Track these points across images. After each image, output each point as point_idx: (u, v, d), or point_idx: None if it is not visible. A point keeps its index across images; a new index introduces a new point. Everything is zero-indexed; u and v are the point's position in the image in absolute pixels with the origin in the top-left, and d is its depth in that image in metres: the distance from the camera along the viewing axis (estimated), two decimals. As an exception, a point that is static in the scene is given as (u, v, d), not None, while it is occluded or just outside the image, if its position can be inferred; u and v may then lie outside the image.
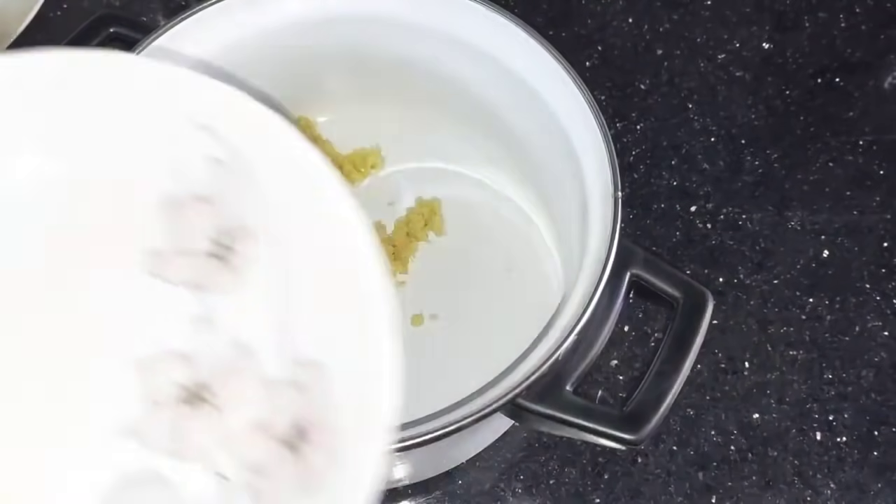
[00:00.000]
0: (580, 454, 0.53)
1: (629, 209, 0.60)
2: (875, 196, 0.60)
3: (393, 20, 0.50)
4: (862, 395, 0.55)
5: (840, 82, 0.64)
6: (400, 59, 0.53)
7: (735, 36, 0.66)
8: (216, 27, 0.49)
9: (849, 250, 0.59)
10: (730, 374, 0.55)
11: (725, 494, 0.52)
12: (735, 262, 0.58)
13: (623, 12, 0.67)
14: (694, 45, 0.66)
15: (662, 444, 0.53)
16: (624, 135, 0.62)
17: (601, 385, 0.55)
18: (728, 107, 0.63)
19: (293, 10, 0.50)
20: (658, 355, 0.43)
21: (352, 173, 0.55)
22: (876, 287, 0.58)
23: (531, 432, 0.53)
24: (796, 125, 0.63)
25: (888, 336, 0.56)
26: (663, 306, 0.45)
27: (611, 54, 0.65)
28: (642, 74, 0.64)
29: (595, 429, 0.41)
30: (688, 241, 0.59)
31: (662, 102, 0.64)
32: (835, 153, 0.62)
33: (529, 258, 0.53)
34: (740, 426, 0.54)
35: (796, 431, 0.54)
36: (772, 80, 0.64)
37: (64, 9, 0.67)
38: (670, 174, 0.61)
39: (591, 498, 0.52)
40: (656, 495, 0.52)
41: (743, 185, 0.61)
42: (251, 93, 0.35)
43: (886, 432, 0.54)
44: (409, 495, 0.52)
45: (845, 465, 0.53)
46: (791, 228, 0.59)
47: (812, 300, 0.57)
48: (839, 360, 0.56)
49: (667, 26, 0.66)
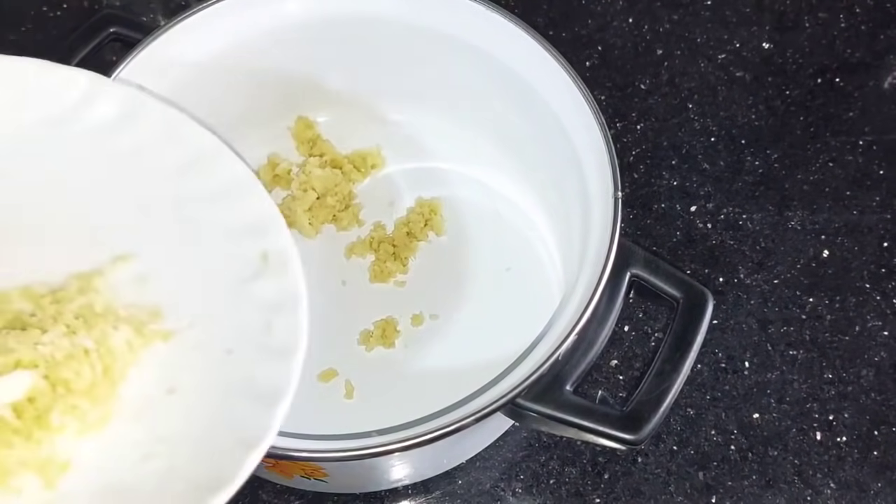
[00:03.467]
0: (580, 454, 0.53)
1: (629, 209, 0.60)
2: (875, 196, 0.60)
3: (393, 20, 0.50)
4: (862, 395, 0.55)
5: (840, 82, 0.64)
6: (400, 58, 0.53)
7: (735, 36, 0.66)
8: (216, 27, 0.49)
9: (849, 250, 0.59)
10: (730, 374, 0.55)
11: (725, 494, 0.52)
12: (735, 261, 0.58)
13: (623, 12, 0.67)
14: (694, 45, 0.66)
15: (662, 444, 0.53)
16: (624, 135, 0.62)
17: (601, 385, 0.55)
18: (728, 107, 0.63)
19: (293, 10, 0.50)
20: (658, 355, 0.43)
21: (352, 173, 0.55)
22: (876, 287, 0.58)
23: (531, 432, 0.53)
24: (796, 125, 0.63)
25: (888, 336, 0.56)
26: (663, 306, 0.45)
27: (611, 54, 0.65)
28: (642, 74, 0.64)
29: (595, 429, 0.41)
30: (688, 240, 0.59)
31: (662, 102, 0.64)
32: (835, 153, 0.62)
33: (529, 258, 0.53)
34: (740, 426, 0.54)
35: (796, 431, 0.54)
36: (772, 80, 0.64)
37: (64, 9, 0.67)
38: (670, 174, 0.61)
39: (591, 498, 0.52)
40: (656, 495, 0.52)
41: (743, 185, 0.61)
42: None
43: (886, 432, 0.54)
44: (409, 495, 0.52)
45: (845, 464, 0.53)
46: (791, 228, 0.59)
47: (812, 300, 0.57)
48: (839, 359, 0.56)
49: (667, 26, 0.66)
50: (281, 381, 0.34)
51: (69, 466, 0.33)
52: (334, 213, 0.54)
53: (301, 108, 0.56)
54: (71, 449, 0.33)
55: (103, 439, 0.34)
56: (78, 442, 0.33)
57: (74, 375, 0.34)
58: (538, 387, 0.41)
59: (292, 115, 0.56)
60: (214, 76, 0.50)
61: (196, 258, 0.38)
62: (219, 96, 0.52)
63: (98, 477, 0.33)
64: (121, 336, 0.35)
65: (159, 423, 0.34)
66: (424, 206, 0.54)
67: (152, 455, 0.33)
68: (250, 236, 0.38)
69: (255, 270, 0.37)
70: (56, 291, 0.36)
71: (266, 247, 0.37)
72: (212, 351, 0.36)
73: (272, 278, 0.37)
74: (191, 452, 0.33)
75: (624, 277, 0.44)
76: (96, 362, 0.34)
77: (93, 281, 0.37)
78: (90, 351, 0.34)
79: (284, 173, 0.55)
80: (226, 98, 0.52)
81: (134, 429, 0.34)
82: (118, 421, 0.34)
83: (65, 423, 0.33)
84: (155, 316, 0.37)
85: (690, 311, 0.44)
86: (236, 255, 0.37)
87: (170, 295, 0.37)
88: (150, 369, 0.36)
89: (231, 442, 0.33)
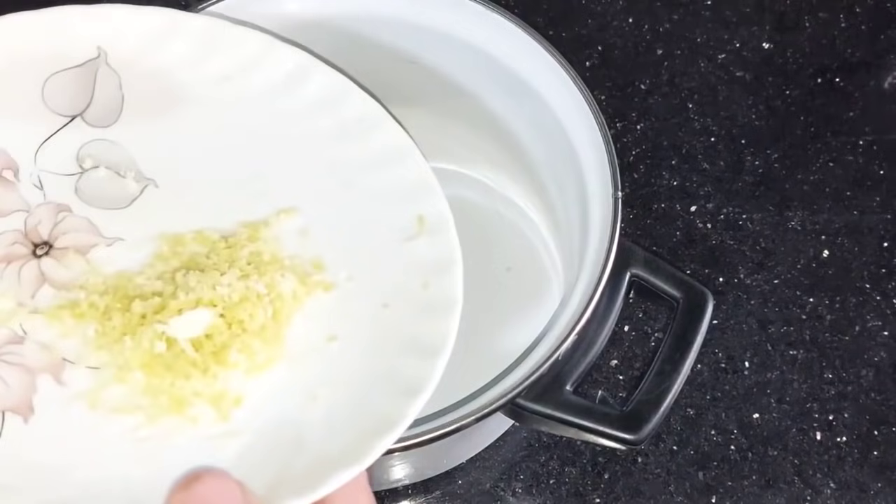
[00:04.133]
0: (580, 454, 0.53)
1: (629, 209, 0.60)
2: (875, 196, 0.60)
3: (393, 20, 0.50)
4: (862, 395, 0.55)
5: (840, 82, 0.64)
6: (400, 58, 0.53)
7: (735, 36, 0.66)
8: (216, 27, 0.49)
9: (849, 250, 0.59)
10: (730, 374, 0.55)
11: (725, 494, 0.52)
12: (735, 261, 0.58)
13: (623, 12, 0.67)
14: (694, 45, 0.66)
15: (662, 444, 0.53)
16: (624, 135, 0.62)
17: (601, 385, 0.55)
18: (728, 107, 0.63)
19: (293, 10, 0.50)
20: (658, 355, 0.43)
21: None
22: (876, 287, 0.58)
23: (531, 432, 0.53)
24: (796, 125, 0.63)
25: (888, 336, 0.56)
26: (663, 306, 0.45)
27: (611, 54, 0.65)
28: (642, 74, 0.64)
29: (595, 429, 0.41)
30: (688, 240, 0.59)
31: (662, 102, 0.64)
32: (835, 153, 0.62)
33: (529, 258, 0.53)
34: (740, 426, 0.54)
35: (796, 431, 0.54)
36: (772, 80, 0.64)
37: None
38: (670, 174, 0.61)
39: (591, 498, 0.52)
40: (656, 495, 0.52)
41: (743, 185, 0.61)
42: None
43: (886, 432, 0.54)
44: (409, 495, 0.52)
45: (845, 464, 0.53)
46: (791, 228, 0.59)
47: (812, 300, 0.57)
48: (839, 359, 0.56)
49: (667, 26, 0.66)
50: (438, 336, 0.36)
51: (241, 401, 0.35)
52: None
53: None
54: (240, 386, 0.35)
55: (269, 379, 0.36)
56: (247, 380, 0.35)
57: (248, 317, 0.36)
58: (538, 387, 0.41)
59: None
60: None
61: (354, 216, 0.40)
62: (219, 96, 0.52)
63: (265, 413, 0.35)
64: (287, 284, 0.37)
65: (321, 367, 0.36)
66: (424, 206, 0.54)
67: (315, 397, 0.35)
68: (408, 199, 0.40)
69: (412, 231, 0.39)
70: (227, 237, 0.39)
71: (423, 210, 0.40)
72: (370, 304, 0.38)
73: (429, 239, 0.39)
74: (353, 397, 0.35)
75: (624, 277, 0.44)
76: (268, 306, 0.36)
77: (260, 231, 0.39)
78: (262, 295, 0.36)
79: (284, 173, 0.55)
80: (226, 98, 0.52)
81: (297, 372, 0.36)
82: (283, 363, 0.36)
83: (238, 360, 0.35)
84: (317, 267, 0.39)
85: (690, 311, 0.44)
86: (393, 216, 0.40)
87: (329, 249, 0.39)
88: (313, 317, 0.37)
89: (392, 390, 0.34)
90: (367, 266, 0.39)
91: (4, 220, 0.38)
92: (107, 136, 0.40)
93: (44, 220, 0.38)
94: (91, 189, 0.39)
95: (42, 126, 0.40)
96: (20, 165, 0.39)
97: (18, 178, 0.39)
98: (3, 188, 0.38)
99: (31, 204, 0.38)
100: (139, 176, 0.40)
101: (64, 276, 0.37)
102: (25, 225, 0.38)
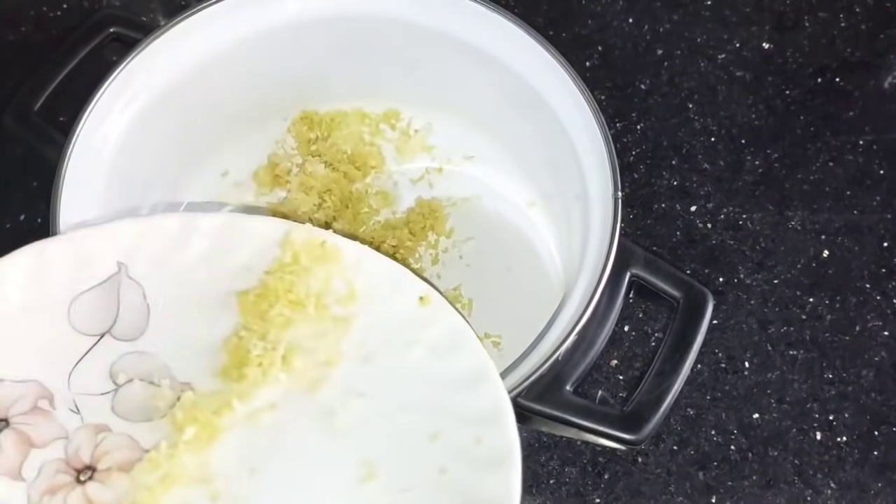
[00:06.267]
0: (580, 454, 0.53)
1: (629, 209, 0.60)
2: (875, 196, 0.60)
3: (393, 20, 0.50)
4: (862, 395, 0.55)
5: (840, 82, 0.64)
6: (400, 58, 0.53)
7: (735, 36, 0.66)
8: (216, 27, 0.49)
9: (849, 250, 0.59)
10: (730, 374, 0.55)
11: (726, 494, 0.52)
12: (735, 261, 0.58)
13: (623, 12, 0.67)
14: (694, 45, 0.66)
15: (662, 444, 0.53)
16: (624, 135, 0.62)
17: (601, 385, 0.55)
18: (728, 107, 0.63)
19: (293, 10, 0.50)
20: (658, 355, 0.43)
21: (352, 173, 0.55)
22: (876, 287, 0.58)
23: (531, 432, 0.53)
24: (796, 125, 0.63)
25: (888, 336, 0.56)
26: (663, 306, 0.45)
27: (611, 54, 0.65)
28: (642, 74, 0.64)
29: (595, 429, 0.41)
30: (688, 240, 0.59)
31: (662, 102, 0.64)
32: (835, 153, 0.62)
33: (529, 258, 0.53)
34: (740, 426, 0.54)
35: (796, 431, 0.54)
36: (772, 80, 0.64)
37: (64, 9, 0.67)
38: (670, 174, 0.61)
39: (591, 498, 0.52)
40: (656, 495, 0.52)
41: (743, 185, 0.61)
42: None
43: (886, 432, 0.54)
44: (410, 495, 0.52)
45: (845, 464, 0.53)
46: (791, 228, 0.59)
47: (812, 300, 0.57)
48: (839, 359, 0.56)
49: (667, 26, 0.66)
50: (501, 489, 0.35)
51: None
52: (334, 214, 0.54)
53: (301, 107, 0.56)
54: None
55: None
56: None
57: None
58: (538, 387, 0.41)
59: (292, 114, 0.56)
60: (214, 76, 0.50)
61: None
62: (219, 96, 0.52)
63: None
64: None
65: None
66: (424, 207, 0.54)
67: None
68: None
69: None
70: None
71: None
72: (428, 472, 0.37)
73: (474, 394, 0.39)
74: None
75: (624, 277, 0.44)
76: None
77: None
78: None
79: (284, 173, 0.55)
80: (226, 98, 0.52)
81: None
82: None
83: None
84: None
85: (690, 311, 0.44)
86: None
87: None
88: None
89: None
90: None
91: (45, 450, 0.37)
92: (137, 348, 0.40)
93: (84, 444, 0.38)
94: (127, 404, 0.39)
95: (72, 349, 0.39)
96: (55, 393, 0.38)
97: (54, 406, 0.38)
98: (41, 418, 0.38)
99: (69, 430, 0.38)
100: (174, 382, 0.39)
101: (109, 498, 0.37)
102: (66, 452, 0.37)
